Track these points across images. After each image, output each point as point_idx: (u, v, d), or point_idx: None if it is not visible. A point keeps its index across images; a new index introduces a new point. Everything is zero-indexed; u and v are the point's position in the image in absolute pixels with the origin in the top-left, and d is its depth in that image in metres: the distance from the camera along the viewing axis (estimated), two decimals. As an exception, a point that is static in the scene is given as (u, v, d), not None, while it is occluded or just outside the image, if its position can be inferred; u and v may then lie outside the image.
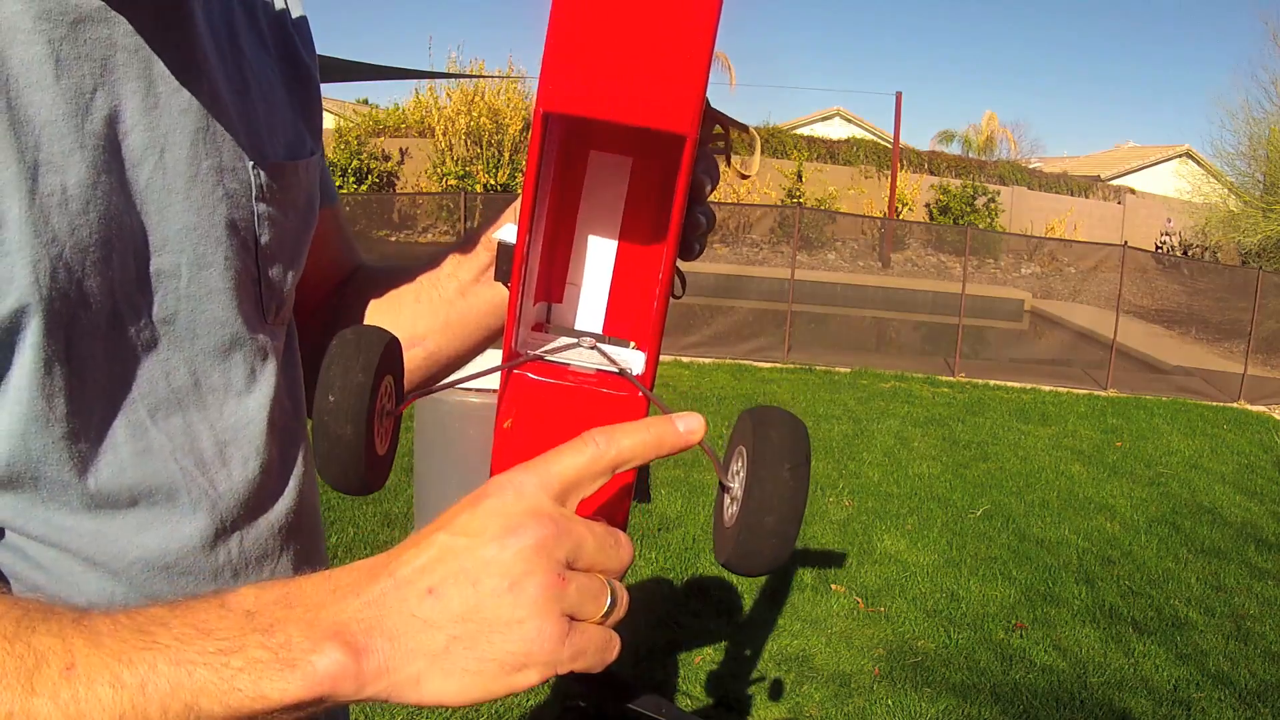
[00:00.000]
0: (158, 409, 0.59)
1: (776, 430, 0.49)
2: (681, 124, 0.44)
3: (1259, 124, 17.85)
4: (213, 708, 0.40)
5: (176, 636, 0.41)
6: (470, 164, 14.88)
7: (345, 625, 0.42)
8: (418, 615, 0.42)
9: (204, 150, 0.60)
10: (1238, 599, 3.91)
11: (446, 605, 0.42)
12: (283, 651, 0.41)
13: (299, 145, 0.70)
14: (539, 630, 0.42)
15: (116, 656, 0.40)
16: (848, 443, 5.81)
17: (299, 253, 0.70)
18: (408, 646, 0.42)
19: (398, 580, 0.43)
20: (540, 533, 0.43)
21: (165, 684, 0.40)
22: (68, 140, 0.52)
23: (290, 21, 0.73)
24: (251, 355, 0.65)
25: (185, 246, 0.59)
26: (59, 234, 0.51)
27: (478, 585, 0.42)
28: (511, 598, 0.42)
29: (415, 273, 0.80)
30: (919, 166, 19.32)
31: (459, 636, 0.42)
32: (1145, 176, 26.46)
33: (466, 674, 0.42)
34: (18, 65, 0.50)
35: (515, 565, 0.42)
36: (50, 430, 0.52)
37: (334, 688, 0.41)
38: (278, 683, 0.40)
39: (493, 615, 0.42)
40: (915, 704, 2.89)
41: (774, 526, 0.47)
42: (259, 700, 0.40)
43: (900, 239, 16.85)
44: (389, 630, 0.42)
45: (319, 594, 0.43)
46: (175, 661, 0.40)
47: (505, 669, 0.43)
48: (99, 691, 0.39)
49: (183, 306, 0.60)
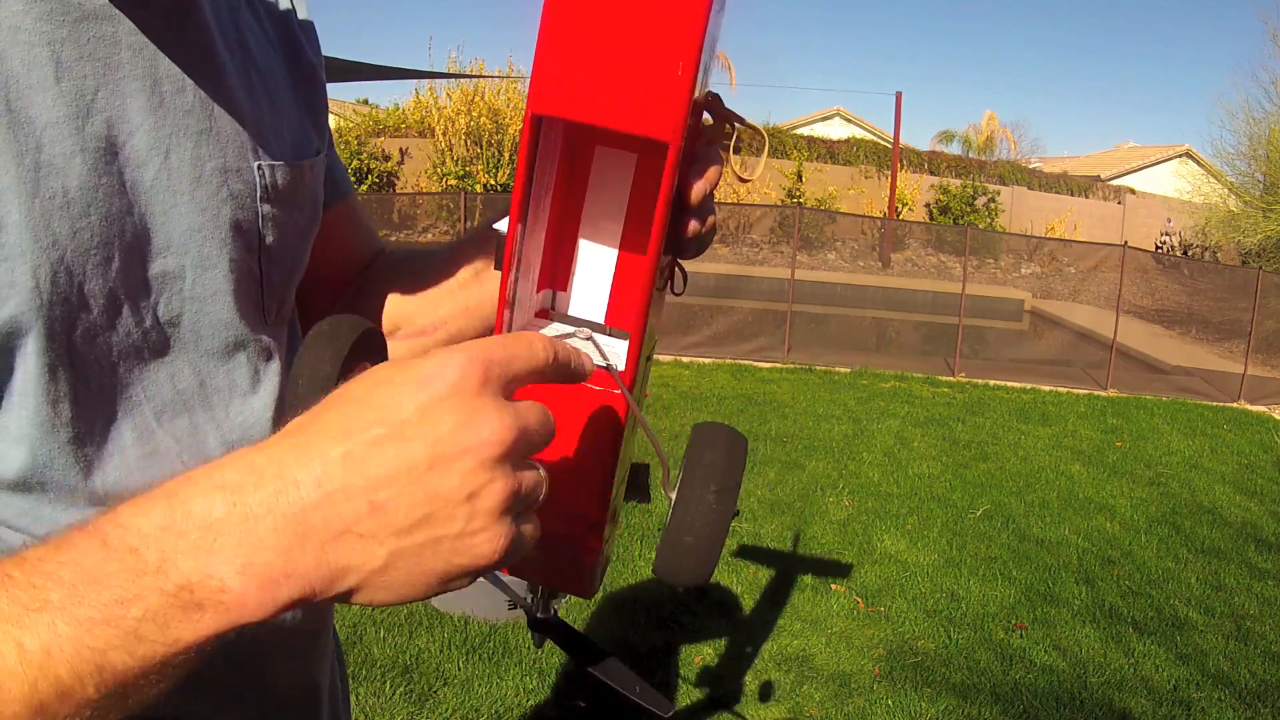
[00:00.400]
0: (164, 411, 0.59)
1: (710, 451, 0.50)
2: (664, 131, 0.45)
3: (1259, 124, 17.85)
4: (126, 661, 0.36)
5: (69, 589, 0.36)
6: (470, 164, 14.87)
7: (254, 549, 0.36)
8: (355, 530, 0.37)
9: (209, 151, 0.59)
10: (1238, 599, 3.90)
11: (392, 518, 0.37)
12: (183, 593, 0.36)
13: (305, 145, 0.70)
14: (490, 541, 0.39)
15: (13, 620, 0.36)
16: (848, 443, 5.81)
17: (302, 253, 0.70)
18: (340, 565, 0.37)
19: (326, 487, 0.37)
20: (504, 435, 0.38)
21: (69, 645, 0.36)
22: (69, 142, 0.51)
23: (297, 21, 0.73)
24: (255, 356, 0.65)
25: (189, 248, 0.59)
26: (60, 237, 0.50)
27: (433, 496, 0.37)
28: (468, 508, 0.38)
29: (433, 258, 0.80)
30: (919, 166, 19.31)
31: (402, 550, 0.38)
32: (1145, 176, 26.46)
33: (404, 586, 0.39)
34: (18, 66, 0.49)
35: (477, 474, 0.38)
36: (56, 435, 0.52)
37: (248, 616, 0.37)
38: (187, 624, 0.36)
39: (445, 528, 0.38)
40: (915, 704, 2.89)
41: (692, 545, 0.49)
42: (173, 645, 0.36)
43: (900, 239, 16.84)
44: (315, 546, 0.37)
45: (211, 508, 0.37)
46: (74, 621, 0.36)
47: (444, 579, 0.39)
48: (6, 660, 0.35)
49: (187, 308, 0.59)
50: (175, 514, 0.37)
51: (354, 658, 2.87)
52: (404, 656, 2.89)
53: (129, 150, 0.55)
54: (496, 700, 2.70)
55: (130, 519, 0.37)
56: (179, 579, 0.36)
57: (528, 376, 0.42)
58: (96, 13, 0.52)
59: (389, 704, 2.64)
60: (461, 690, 2.74)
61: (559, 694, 2.78)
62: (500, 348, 0.40)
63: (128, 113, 0.54)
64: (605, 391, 0.52)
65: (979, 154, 27.29)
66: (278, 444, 0.39)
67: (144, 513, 0.37)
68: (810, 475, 5.08)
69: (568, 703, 2.75)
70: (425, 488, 0.37)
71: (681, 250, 0.56)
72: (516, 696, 2.73)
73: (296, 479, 0.37)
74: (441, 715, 2.62)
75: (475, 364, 0.39)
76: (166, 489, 0.38)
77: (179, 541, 0.37)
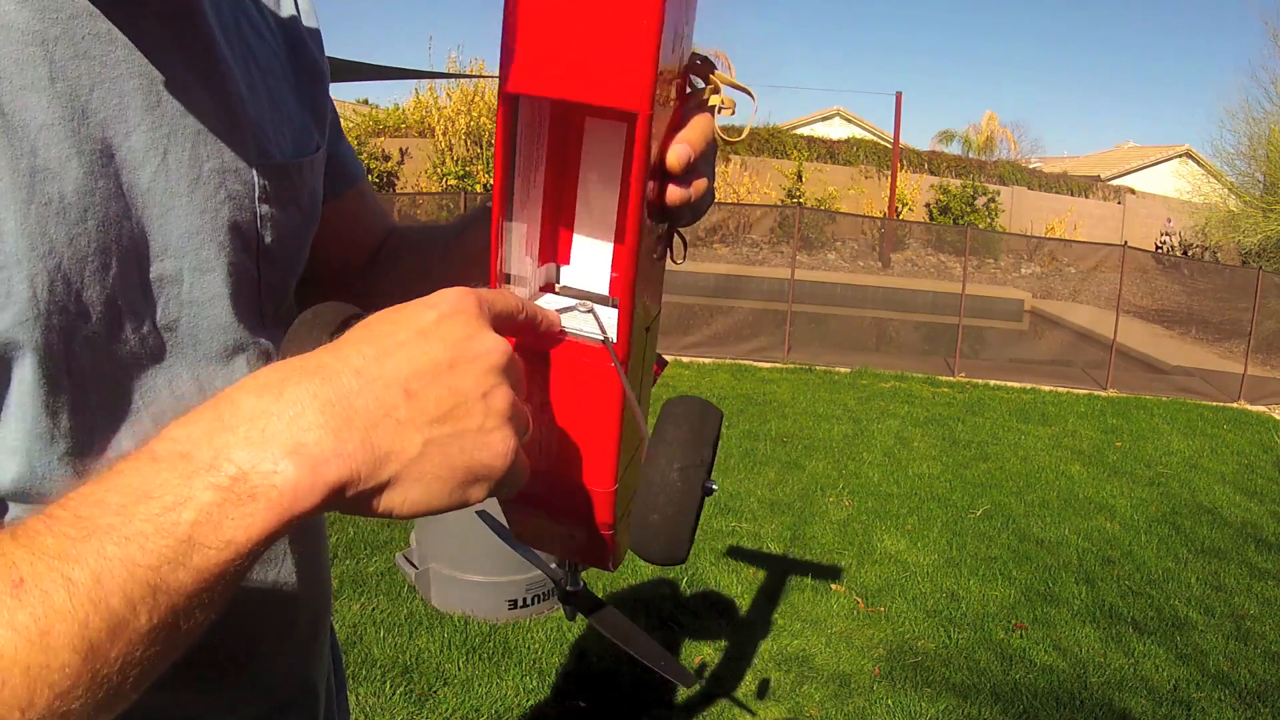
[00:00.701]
0: (162, 418, 0.56)
1: (674, 428, 0.51)
2: (631, 100, 0.46)
3: (1259, 124, 17.86)
4: (179, 576, 0.36)
5: (116, 511, 0.36)
6: (470, 164, 14.88)
7: (304, 432, 0.38)
8: (394, 415, 0.40)
9: (206, 151, 0.58)
10: (1238, 599, 3.90)
11: (424, 406, 0.41)
12: (237, 485, 0.37)
13: (305, 141, 0.69)
14: (503, 440, 0.43)
15: (61, 555, 0.35)
16: (848, 443, 5.81)
17: (300, 252, 0.70)
18: (382, 449, 0.40)
19: (365, 377, 0.40)
20: (504, 350, 0.44)
21: (120, 568, 0.35)
22: (65, 145, 0.49)
23: (299, 12, 0.72)
24: (254, 359, 0.64)
25: (187, 251, 0.57)
26: (57, 244, 0.49)
27: (455, 391, 0.42)
28: (484, 405, 0.42)
29: (443, 234, 0.79)
30: (919, 166, 19.32)
31: (434, 439, 0.41)
32: (1145, 176, 26.46)
33: (435, 481, 0.41)
34: (10, 65, 0.48)
35: (487, 377, 0.43)
36: (54, 446, 0.51)
37: (300, 505, 0.38)
38: (241, 520, 0.37)
39: (467, 422, 0.42)
40: (915, 704, 2.89)
41: (658, 525, 0.49)
42: (227, 548, 0.37)
43: (900, 239, 16.84)
44: (359, 430, 0.39)
45: (259, 403, 0.39)
46: (123, 539, 0.35)
47: (466, 479, 0.42)
48: (55, 601, 0.34)
49: (184, 313, 0.58)
50: (223, 413, 0.39)
51: (354, 658, 2.87)
52: (404, 656, 2.89)
53: (125, 151, 0.53)
54: (496, 700, 2.70)
55: (177, 430, 0.39)
56: (232, 470, 0.37)
57: (506, 320, 0.47)
58: (90, 9, 0.51)
59: (389, 704, 2.64)
60: (461, 690, 2.73)
61: (559, 694, 2.78)
62: (486, 290, 0.47)
63: (124, 112, 0.53)
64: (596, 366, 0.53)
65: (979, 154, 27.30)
66: (313, 352, 0.42)
67: (192, 421, 0.39)
68: (810, 475, 5.08)
69: (568, 703, 2.75)
70: (449, 382, 0.42)
71: (675, 218, 0.56)
72: (516, 696, 2.73)
73: (337, 370, 0.40)
74: (441, 715, 2.62)
75: (470, 294, 0.45)
76: (211, 400, 0.40)
77: (230, 436, 0.38)
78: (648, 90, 0.46)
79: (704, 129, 0.53)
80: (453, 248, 0.77)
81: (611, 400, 0.53)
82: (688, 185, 0.53)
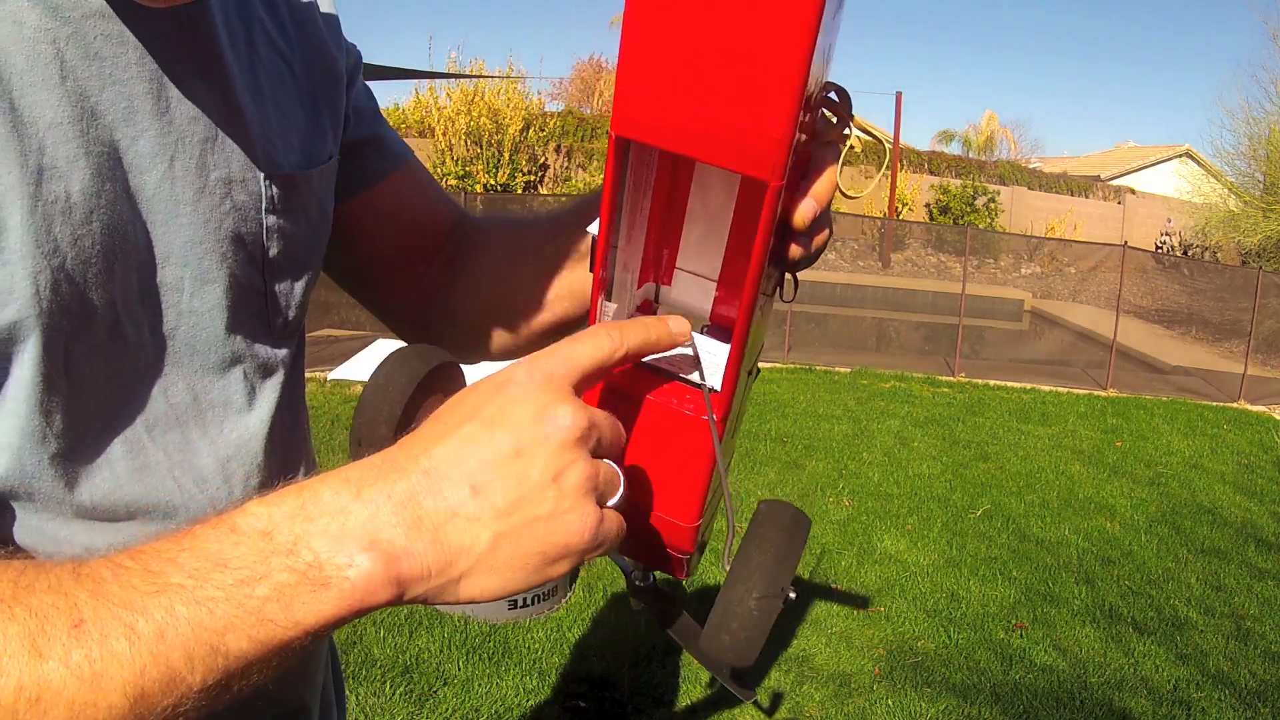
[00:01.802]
0: (155, 425, 0.57)
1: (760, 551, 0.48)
2: (762, 169, 0.39)
3: (1259, 124, 17.85)
4: (241, 644, 0.38)
5: (190, 573, 0.38)
6: (470, 164, 14.88)
7: (379, 530, 0.40)
8: (461, 513, 0.41)
9: (213, 160, 0.57)
10: (1238, 599, 3.90)
11: (491, 501, 0.41)
12: (313, 571, 0.38)
13: (317, 150, 0.67)
14: (580, 520, 0.42)
15: (126, 605, 0.37)
16: (848, 443, 5.81)
17: (310, 262, 0.68)
18: (452, 546, 0.41)
19: (433, 476, 0.41)
20: (577, 422, 0.43)
21: (186, 627, 0.37)
22: (72, 144, 0.49)
23: (320, 14, 0.70)
24: (253, 372, 0.63)
25: (189, 261, 0.56)
26: (61, 244, 0.48)
27: (523, 479, 0.41)
28: (556, 489, 0.42)
29: (532, 234, 0.76)
30: (919, 166, 19.32)
31: (504, 532, 0.41)
32: (1145, 176, 26.46)
33: (510, 570, 0.42)
34: (21, 63, 0.47)
35: (559, 457, 0.42)
36: (45, 446, 0.50)
37: (371, 599, 0.39)
38: (312, 605, 0.38)
39: (538, 509, 0.42)
40: (915, 704, 2.89)
41: (728, 645, 0.47)
42: (293, 627, 0.38)
43: (900, 239, 16.84)
44: (429, 530, 0.40)
45: (339, 499, 0.40)
46: (193, 601, 0.37)
47: (545, 561, 0.42)
48: (114, 646, 0.36)
49: (183, 322, 0.57)
50: (305, 501, 0.40)
51: (354, 658, 2.87)
52: (404, 656, 2.89)
53: (133, 155, 0.52)
54: (496, 700, 2.70)
55: (259, 508, 0.40)
56: (309, 558, 0.39)
57: (595, 369, 0.46)
58: (102, 10, 0.50)
59: (389, 704, 2.64)
60: (461, 690, 2.74)
61: (559, 694, 2.78)
62: (560, 350, 0.45)
63: (134, 115, 0.52)
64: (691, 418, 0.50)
65: (979, 154, 27.31)
66: (389, 450, 0.43)
67: (274, 503, 0.40)
68: (810, 475, 5.08)
69: (568, 703, 2.75)
70: (515, 471, 0.41)
71: (792, 266, 0.53)
72: (516, 696, 2.73)
73: (408, 470, 0.41)
74: (441, 715, 2.62)
75: (539, 367, 0.44)
76: (293, 486, 0.41)
77: (310, 525, 0.40)
78: (782, 160, 0.39)
79: (832, 181, 0.50)
80: (546, 250, 0.74)
81: (705, 447, 0.51)
82: (810, 241, 0.51)
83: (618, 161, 0.44)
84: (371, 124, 0.76)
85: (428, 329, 0.82)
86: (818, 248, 0.51)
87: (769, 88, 0.37)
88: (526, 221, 0.79)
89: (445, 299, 0.80)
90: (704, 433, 0.50)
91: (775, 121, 0.38)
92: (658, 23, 0.38)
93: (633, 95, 0.39)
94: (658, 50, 0.38)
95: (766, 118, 0.38)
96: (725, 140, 0.39)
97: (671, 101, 0.39)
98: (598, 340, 0.45)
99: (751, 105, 0.37)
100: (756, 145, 0.39)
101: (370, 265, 0.80)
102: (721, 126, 0.38)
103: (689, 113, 0.39)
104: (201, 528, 0.40)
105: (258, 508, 0.40)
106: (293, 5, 0.67)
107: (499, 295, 0.77)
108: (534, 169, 15.34)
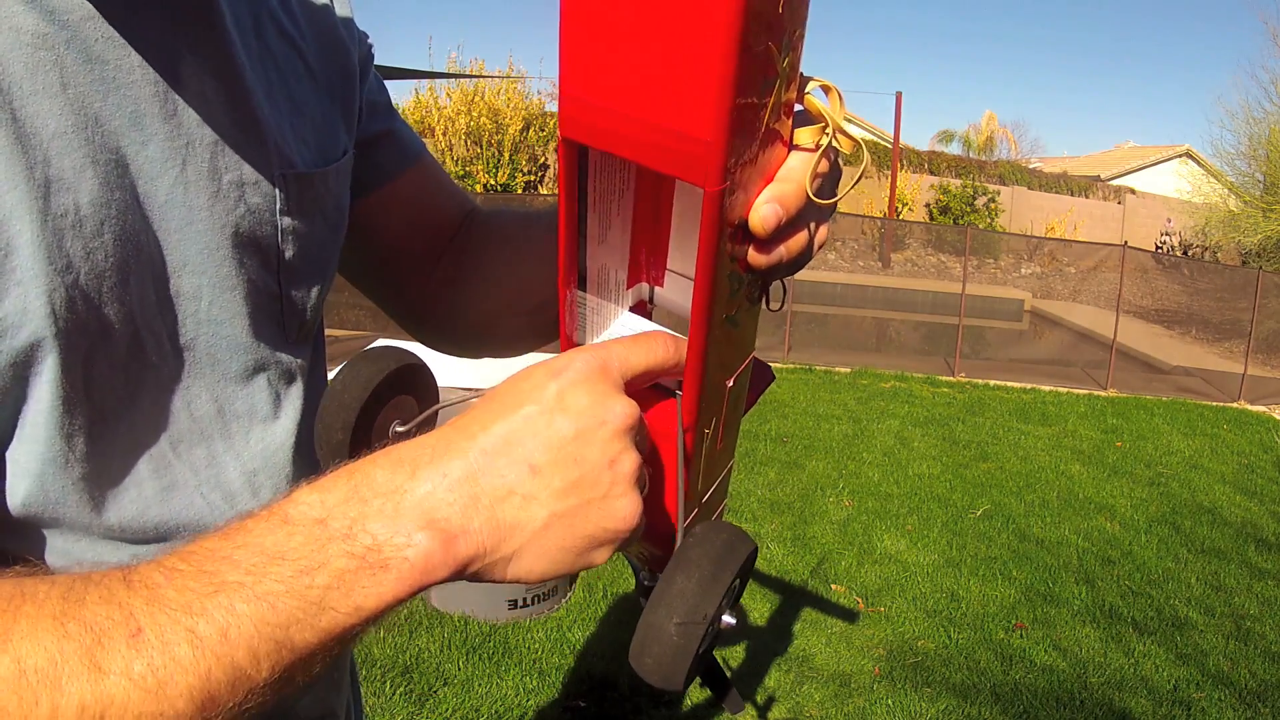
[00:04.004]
0: (180, 441, 0.54)
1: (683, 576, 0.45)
2: (696, 175, 0.38)
3: (1259, 124, 17.85)
4: (305, 636, 0.37)
5: (248, 570, 0.37)
6: (470, 164, 14.87)
7: (435, 508, 0.40)
8: (519, 491, 0.41)
9: (225, 162, 0.54)
10: (1238, 599, 3.90)
11: (549, 481, 0.41)
12: (371, 554, 0.38)
13: (331, 148, 0.65)
14: (628, 505, 0.43)
15: (185, 608, 0.36)
16: (848, 443, 5.81)
17: (326, 264, 0.66)
18: (507, 524, 0.41)
19: (491, 455, 0.41)
20: (630, 413, 0.43)
21: (249, 625, 0.36)
22: (78, 154, 0.46)
23: (333, 9, 0.68)
24: (276, 378, 0.60)
25: (206, 267, 0.54)
26: (74, 259, 0.46)
27: (580, 462, 0.42)
28: (610, 474, 0.42)
29: (540, 225, 0.75)
30: (919, 166, 19.32)
31: (560, 513, 0.42)
32: (1145, 176, 26.45)
33: (558, 551, 0.42)
34: (21, 71, 0.44)
35: (613, 443, 0.43)
36: (69, 471, 0.48)
37: (429, 578, 0.39)
38: (372, 588, 0.38)
39: (594, 491, 0.42)
40: (915, 704, 2.89)
41: (651, 668, 0.45)
42: (354, 614, 0.38)
43: (900, 239, 16.84)
44: (486, 508, 0.41)
45: (395, 479, 0.40)
46: (254, 597, 0.36)
47: (592, 544, 0.43)
48: (177, 653, 0.35)
49: (203, 331, 0.55)
50: (358, 485, 0.40)
51: (354, 658, 2.87)
52: (404, 656, 2.89)
53: (142, 161, 0.50)
54: (496, 700, 2.70)
55: (309, 496, 0.40)
56: (367, 541, 0.38)
57: (646, 373, 0.47)
58: (103, 12, 0.48)
59: (389, 704, 2.64)
60: (461, 690, 2.73)
61: (559, 694, 2.78)
62: (617, 346, 0.46)
63: (140, 120, 0.50)
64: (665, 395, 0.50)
65: (979, 154, 27.30)
66: (441, 430, 0.43)
67: (326, 489, 0.40)
68: (810, 475, 5.08)
69: (568, 703, 2.75)
70: (574, 454, 0.42)
71: (767, 275, 0.49)
72: (516, 696, 2.73)
73: (464, 449, 0.41)
74: (441, 715, 2.62)
75: (597, 358, 0.45)
76: (343, 470, 0.41)
77: (364, 508, 0.39)
78: (718, 164, 0.37)
79: (799, 185, 0.46)
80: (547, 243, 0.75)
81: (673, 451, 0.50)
82: (772, 250, 0.46)
83: (569, 165, 0.42)
84: (385, 118, 0.74)
85: (435, 323, 0.81)
86: (794, 254, 0.48)
87: (695, 88, 0.35)
88: (535, 215, 0.78)
89: (454, 293, 0.79)
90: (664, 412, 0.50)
91: (704, 124, 0.36)
92: (591, 22, 0.36)
93: (573, 96, 0.38)
94: (593, 51, 0.37)
95: (696, 120, 0.36)
96: (660, 144, 0.37)
97: (609, 104, 0.38)
98: (654, 345, 0.47)
99: (680, 107, 0.36)
100: (690, 149, 0.37)
101: (381, 261, 0.78)
102: (655, 130, 0.37)
103: (625, 115, 0.37)
104: (252, 522, 0.39)
105: (309, 495, 0.40)
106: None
107: (508, 289, 0.76)
108: (534, 169, 15.33)
